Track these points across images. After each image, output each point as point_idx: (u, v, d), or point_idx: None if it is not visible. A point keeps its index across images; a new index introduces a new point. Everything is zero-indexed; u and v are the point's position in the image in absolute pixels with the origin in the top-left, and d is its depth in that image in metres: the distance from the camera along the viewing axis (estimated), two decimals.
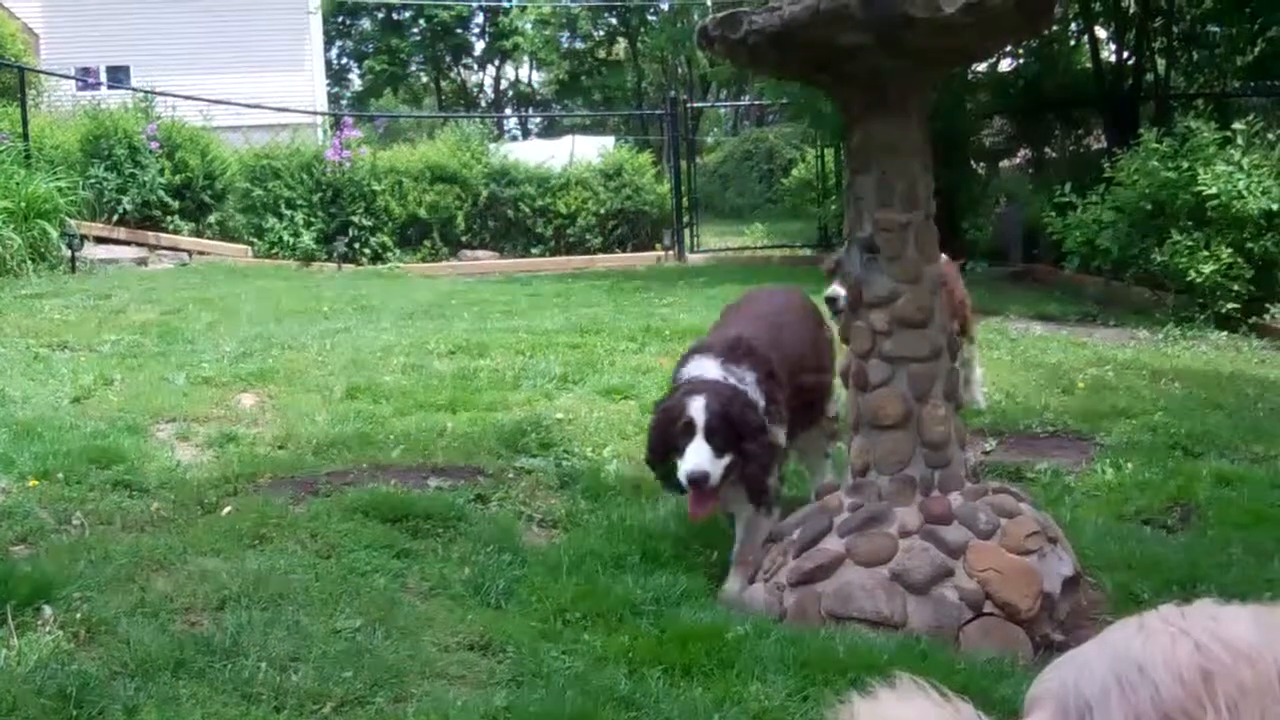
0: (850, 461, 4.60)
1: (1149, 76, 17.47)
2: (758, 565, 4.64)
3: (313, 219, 18.82)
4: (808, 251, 19.94)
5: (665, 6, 40.23)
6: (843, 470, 4.80)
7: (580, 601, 4.29)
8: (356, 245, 18.94)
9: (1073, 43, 18.52)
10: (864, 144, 4.52)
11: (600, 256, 19.55)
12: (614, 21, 44.91)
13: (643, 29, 43.54)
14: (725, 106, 41.73)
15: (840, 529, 4.40)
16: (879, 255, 4.44)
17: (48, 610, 3.84)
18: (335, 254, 18.68)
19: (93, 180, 17.46)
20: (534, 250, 20.00)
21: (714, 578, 4.72)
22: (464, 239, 19.98)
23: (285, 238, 18.58)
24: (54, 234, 14.69)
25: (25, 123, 17.26)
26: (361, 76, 53.38)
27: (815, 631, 4.07)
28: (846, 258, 4.68)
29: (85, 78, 26.43)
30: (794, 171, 25.17)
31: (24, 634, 3.69)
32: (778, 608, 4.37)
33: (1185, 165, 11.64)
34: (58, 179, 15.66)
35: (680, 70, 43.16)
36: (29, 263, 13.81)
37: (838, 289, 5.79)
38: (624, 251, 20.00)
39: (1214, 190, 11.18)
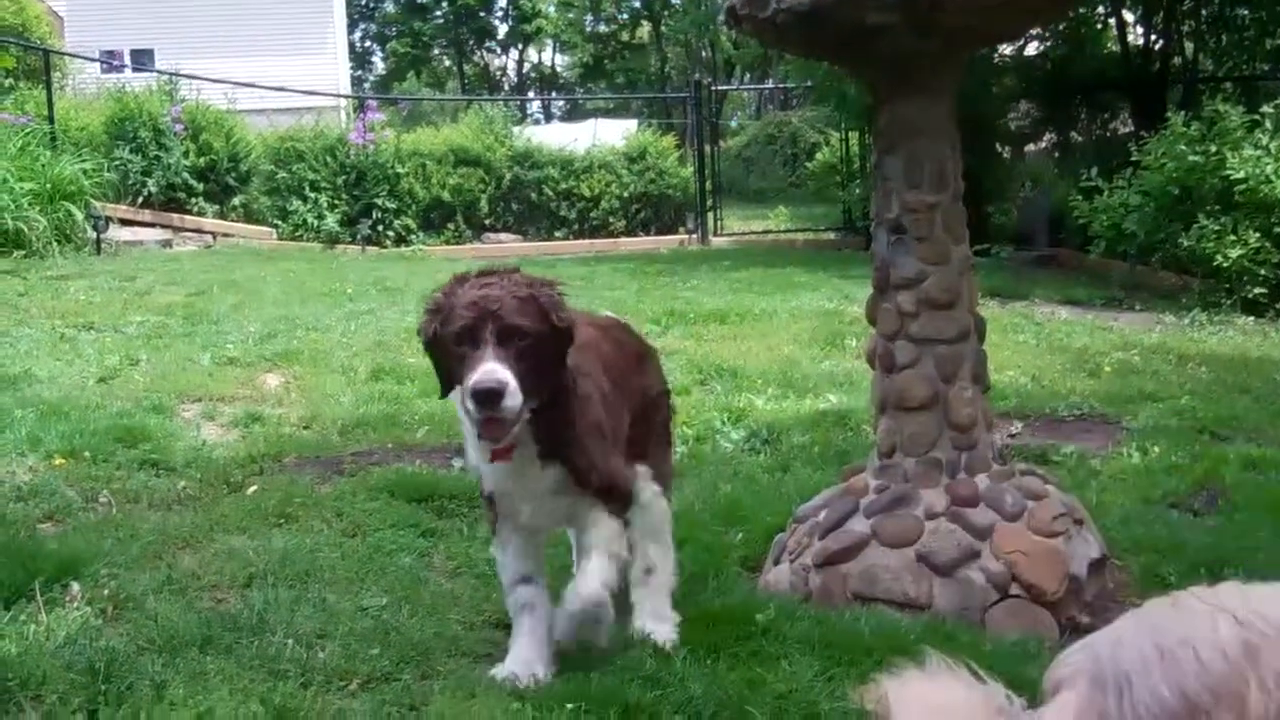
0: (876, 443, 4.58)
1: (1176, 60, 17.34)
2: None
3: (336, 201, 18.87)
4: (831, 235, 19.90)
5: None
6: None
7: None
8: (380, 228, 18.98)
9: (1100, 26, 18.38)
10: (891, 125, 4.48)
11: (623, 240, 19.53)
12: (638, 4, 44.91)
13: (666, 12, 43.55)
14: (749, 90, 41.63)
15: (866, 510, 4.38)
16: (906, 236, 4.41)
17: (75, 587, 3.86)
18: (359, 236, 18.72)
19: (118, 162, 17.52)
20: (557, 233, 20.01)
21: (742, 559, 4.71)
22: (487, 222, 20.00)
23: (309, 220, 18.62)
24: (79, 216, 14.77)
25: (51, 105, 17.33)
26: (384, 59, 53.56)
27: (841, 613, 4.05)
28: (874, 239, 4.66)
29: (110, 60, 26.51)
30: (818, 155, 25.09)
31: (52, 610, 3.71)
32: (803, 589, 4.35)
33: (1213, 149, 11.55)
34: (83, 161, 15.72)
35: (704, 53, 43.14)
36: (55, 244, 13.88)
37: None
38: (647, 235, 19.98)
39: (1242, 174, 11.09)
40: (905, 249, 4.42)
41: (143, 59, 27.57)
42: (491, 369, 3.07)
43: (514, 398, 3.09)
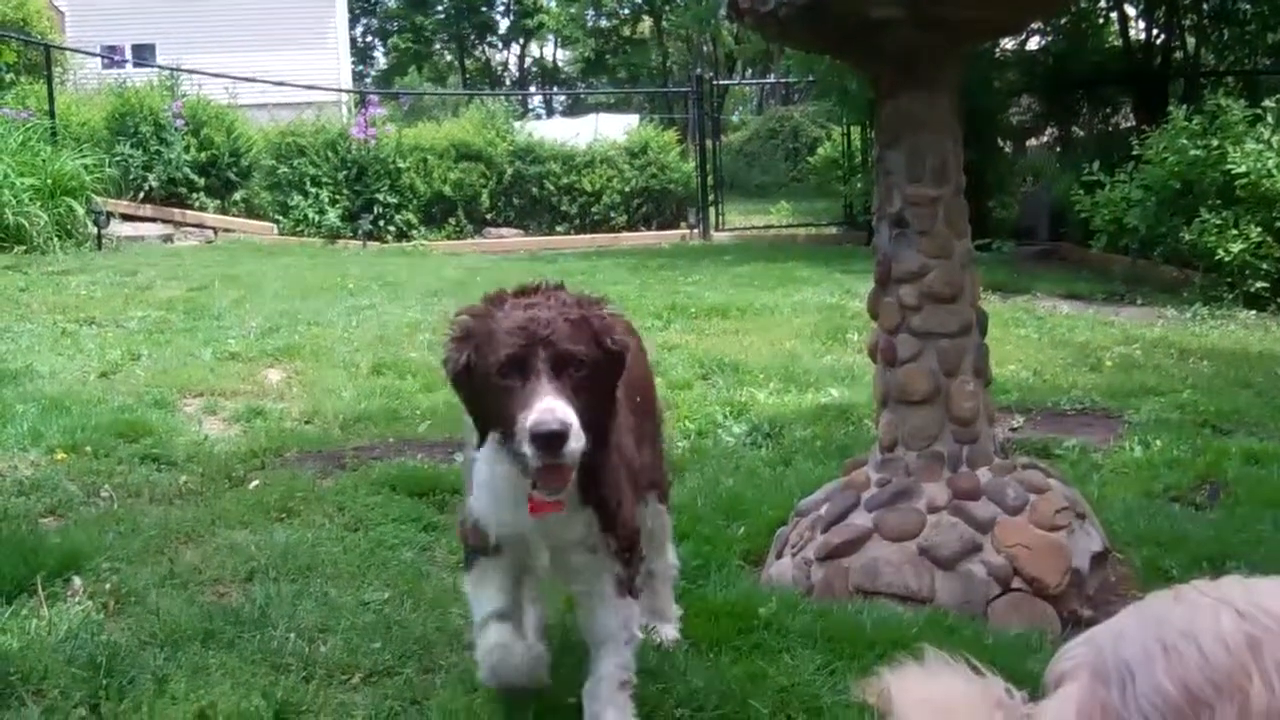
0: (878, 437, 4.58)
1: (1178, 54, 17.33)
2: None
3: (338, 196, 18.86)
4: (833, 230, 19.88)
5: None
6: None
7: None
8: (381, 223, 18.97)
9: (1101, 20, 18.38)
10: (893, 118, 4.47)
11: (625, 234, 19.53)
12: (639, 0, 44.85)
13: (668, 7, 43.49)
14: (751, 85, 41.61)
15: (868, 504, 4.38)
16: (909, 230, 4.41)
17: (77, 581, 3.87)
18: (360, 231, 18.71)
19: (119, 158, 17.53)
20: (559, 228, 19.99)
21: (744, 553, 4.71)
22: (489, 216, 19.99)
23: (310, 215, 18.62)
24: (80, 211, 14.78)
25: (52, 100, 17.33)
26: (386, 54, 53.53)
27: (843, 606, 4.05)
28: (876, 233, 4.65)
29: (111, 55, 26.50)
30: (820, 150, 25.07)
31: (54, 604, 3.71)
32: (805, 582, 4.35)
33: (1214, 143, 11.55)
34: (84, 156, 15.73)
35: (706, 48, 43.09)
36: (56, 240, 13.89)
37: None
38: (649, 229, 19.97)
39: (1243, 168, 11.08)
40: (907, 243, 4.41)
41: (144, 54, 27.55)
42: (552, 406, 2.58)
43: (578, 439, 2.60)
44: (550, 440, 2.57)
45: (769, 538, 4.77)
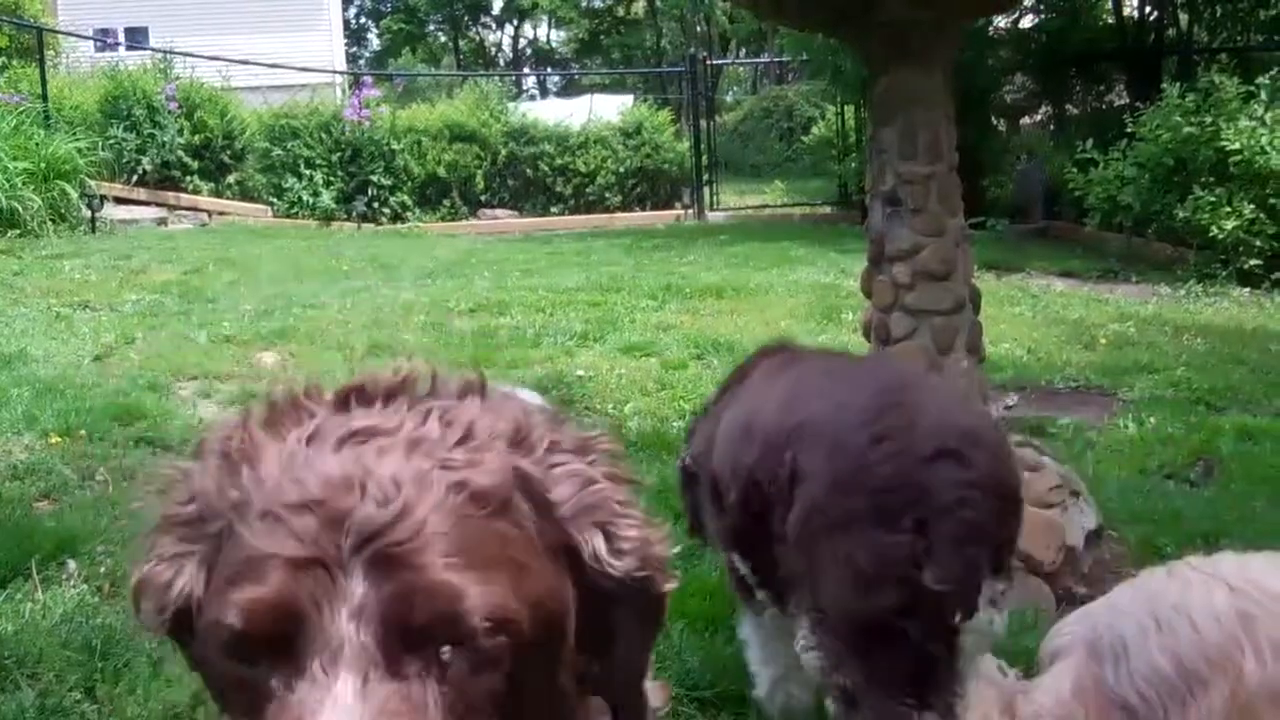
0: None
1: (1171, 31, 17.29)
2: None
3: (332, 179, 18.80)
4: (828, 210, 19.84)
5: None
6: None
7: None
8: (376, 205, 18.91)
9: None
10: (887, 96, 4.47)
11: (619, 215, 19.48)
12: None
13: None
14: (745, 64, 41.49)
15: None
16: (902, 208, 4.40)
17: (72, 565, 3.87)
18: (355, 213, 18.67)
19: (112, 141, 17.45)
20: (553, 209, 19.94)
21: None
22: (483, 198, 19.93)
23: (304, 197, 18.57)
24: (74, 194, 14.72)
25: (44, 84, 17.25)
26: (379, 36, 53.29)
27: None
28: (869, 211, 4.64)
29: (104, 38, 26.39)
30: (814, 129, 25.01)
31: (49, 588, 3.72)
32: None
33: (1208, 120, 11.53)
34: (77, 140, 15.65)
35: (700, 28, 42.97)
36: (49, 223, 13.83)
37: None
38: (643, 210, 19.93)
39: (1237, 146, 11.07)
40: (900, 220, 4.41)
41: (137, 37, 27.42)
42: None
43: None
44: None
45: None
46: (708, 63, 23.94)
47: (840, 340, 8.05)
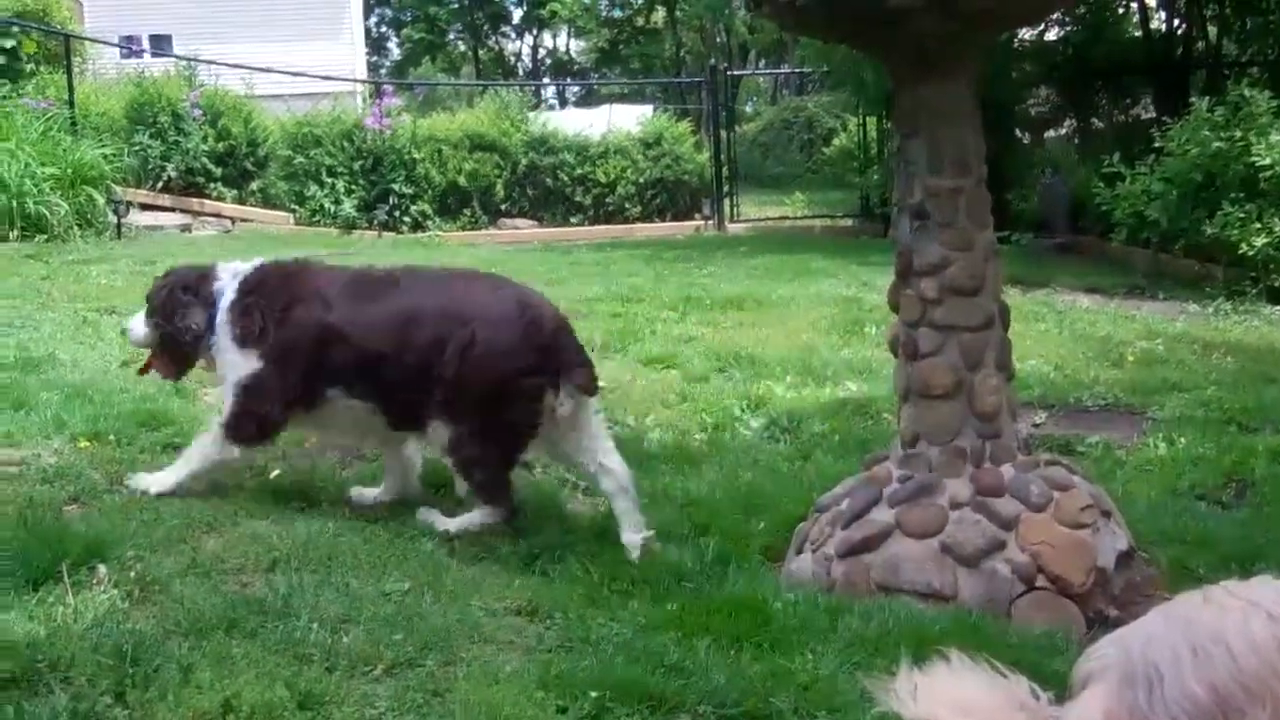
0: (899, 432, 4.56)
1: (1200, 44, 17.21)
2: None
3: (353, 187, 18.86)
4: (849, 222, 19.80)
5: None
6: None
7: (625, 569, 4.28)
8: (397, 213, 18.97)
9: (1121, 10, 18.24)
10: (913, 109, 4.46)
11: (639, 225, 19.48)
12: None
13: None
14: (765, 75, 41.50)
15: (889, 500, 4.37)
16: (929, 222, 4.39)
17: (102, 569, 3.86)
18: (376, 221, 18.73)
19: (137, 147, 17.55)
20: (573, 219, 19.96)
21: (764, 548, 4.70)
22: (503, 207, 19.97)
23: (326, 205, 18.64)
24: (100, 200, 14.78)
25: (71, 90, 17.34)
26: (400, 45, 53.44)
27: (864, 603, 4.04)
28: (895, 224, 4.63)
29: (129, 45, 26.53)
30: (835, 141, 24.99)
31: (79, 592, 3.71)
32: (825, 579, 4.34)
33: (1238, 135, 11.44)
34: (103, 146, 15.73)
35: (719, 38, 42.99)
36: (76, 229, 13.90)
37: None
38: (663, 221, 19.92)
39: (1268, 161, 10.98)
40: (928, 235, 4.39)
41: (161, 44, 27.59)
42: None
43: None
44: None
45: (789, 533, 4.76)
46: (728, 73, 23.92)
47: (864, 354, 8.03)
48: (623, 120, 21.38)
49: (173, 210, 17.62)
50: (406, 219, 18.99)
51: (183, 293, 4.94)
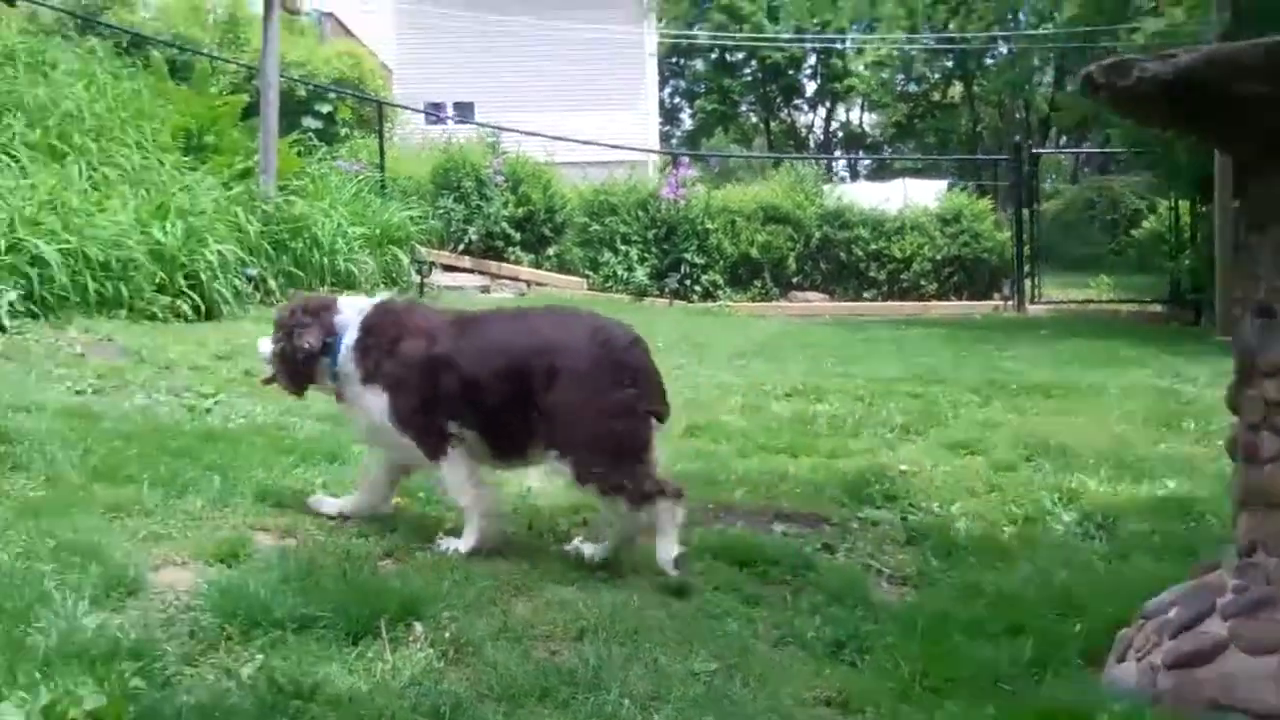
0: (1237, 539, 4.27)
1: None
2: None
3: (646, 254, 19.26)
4: (1158, 308, 18.96)
5: (1004, 50, 39.47)
6: None
7: (937, 665, 4.13)
8: (688, 282, 19.25)
9: None
10: (1261, 202, 4.19)
11: (934, 303, 19.19)
12: (950, 64, 44.34)
13: (979, 72, 42.82)
14: (1068, 153, 40.47)
15: (1224, 612, 4.08)
16: (1275, 320, 4.11)
17: (419, 627, 3.95)
18: (667, 290, 19.03)
19: (441, 210, 18.40)
20: (865, 294, 19.84)
21: (1081, 652, 4.47)
22: (794, 280, 20.02)
23: (619, 272, 19.07)
24: (405, 260, 15.53)
25: (382, 154, 18.35)
26: (693, 116, 54.47)
27: (1195, 719, 3.78)
28: (1237, 323, 4.36)
29: (435, 112, 27.87)
30: (1145, 223, 24.05)
31: (397, 649, 3.80)
32: (1151, 690, 4.08)
33: None
34: (410, 208, 16.54)
35: (1018, 114, 42.20)
36: (381, 286, 14.59)
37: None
38: (959, 299, 19.59)
39: None
40: (1273, 333, 4.11)
41: (464, 112, 28.89)
42: None
43: None
44: None
45: (1107, 637, 4.50)
46: (1031, 150, 23.42)
47: (1182, 451, 7.60)
48: (917, 195, 21.21)
49: (472, 272, 18.37)
50: (697, 288, 19.24)
51: (303, 314, 5.18)
